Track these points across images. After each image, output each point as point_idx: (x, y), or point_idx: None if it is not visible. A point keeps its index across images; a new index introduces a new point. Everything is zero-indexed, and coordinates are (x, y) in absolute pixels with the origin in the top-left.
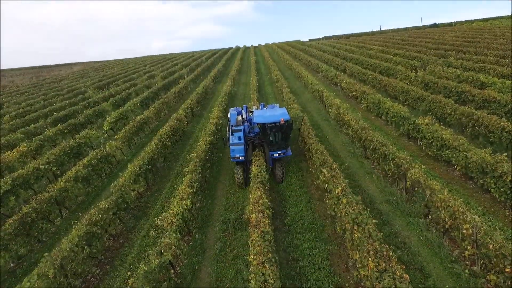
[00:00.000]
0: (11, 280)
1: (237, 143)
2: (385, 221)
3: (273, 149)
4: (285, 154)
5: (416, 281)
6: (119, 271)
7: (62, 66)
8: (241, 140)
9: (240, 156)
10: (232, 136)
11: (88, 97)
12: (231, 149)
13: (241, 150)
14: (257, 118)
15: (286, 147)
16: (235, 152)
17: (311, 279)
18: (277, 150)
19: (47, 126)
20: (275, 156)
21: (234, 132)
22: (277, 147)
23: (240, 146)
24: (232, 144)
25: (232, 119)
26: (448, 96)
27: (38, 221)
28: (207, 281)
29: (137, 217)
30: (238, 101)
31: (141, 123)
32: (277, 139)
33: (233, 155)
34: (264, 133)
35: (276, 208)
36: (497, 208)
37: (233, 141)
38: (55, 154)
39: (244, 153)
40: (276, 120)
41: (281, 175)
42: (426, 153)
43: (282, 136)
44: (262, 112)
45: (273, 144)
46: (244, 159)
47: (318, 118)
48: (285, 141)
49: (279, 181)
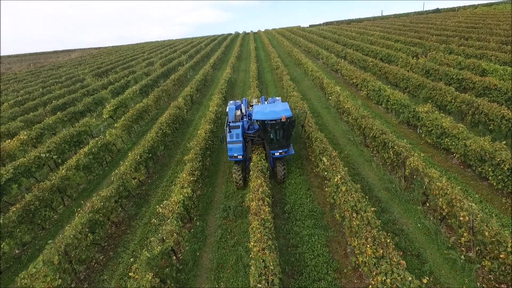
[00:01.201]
0: (17, 266)
1: (235, 141)
2: (384, 208)
3: (273, 147)
4: (287, 153)
5: (413, 267)
6: (122, 258)
7: (59, 53)
8: (240, 137)
9: (239, 155)
10: (230, 133)
11: (87, 84)
12: (229, 147)
13: (239, 148)
14: (257, 114)
15: (288, 146)
16: (233, 151)
17: (310, 265)
18: (278, 149)
19: (47, 114)
20: (276, 156)
21: (232, 129)
22: (278, 145)
23: (238, 145)
24: (229, 142)
25: (230, 114)
26: (449, 84)
27: (41, 209)
28: (208, 267)
29: (138, 204)
30: (238, 89)
31: (141, 111)
32: (278, 137)
33: (230, 154)
34: (264, 130)
35: (276, 195)
36: (494, 195)
37: (231, 138)
38: (56, 143)
39: (243, 151)
40: (277, 117)
41: (282, 175)
42: (425, 141)
43: (283, 133)
44: (262, 108)
45: (274, 143)
46: (243, 159)
47: (318, 106)
48: (287, 139)
49: (280, 182)
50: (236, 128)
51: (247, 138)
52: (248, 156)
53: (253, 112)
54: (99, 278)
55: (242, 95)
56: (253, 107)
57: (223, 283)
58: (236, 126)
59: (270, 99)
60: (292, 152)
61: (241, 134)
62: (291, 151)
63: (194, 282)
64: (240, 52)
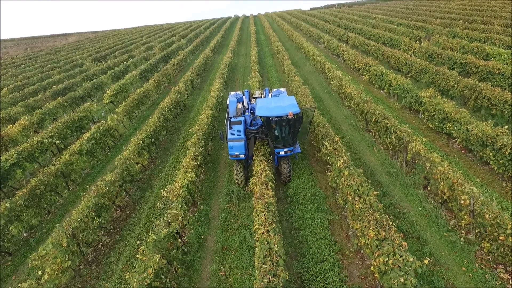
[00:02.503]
0: (26, 248)
1: (237, 138)
2: (385, 192)
3: (278, 146)
4: (292, 151)
5: (413, 248)
6: (128, 240)
7: (56, 37)
8: (241, 134)
9: (240, 154)
10: (231, 130)
11: (86, 69)
12: (229, 145)
13: (241, 146)
14: (260, 110)
15: (294, 144)
16: (234, 149)
17: (313, 247)
18: (284, 147)
19: (47, 100)
20: (281, 154)
21: (233, 125)
22: (284, 143)
23: (240, 143)
24: (230, 140)
25: (231, 108)
26: (452, 68)
27: (47, 193)
28: (213, 249)
29: (142, 189)
30: (239, 73)
31: (141, 96)
32: (284, 134)
33: (231, 153)
34: (268, 127)
35: (278, 180)
36: (494, 180)
37: (232, 135)
38: (58, 128)
39: (245, 150)
40: (283, 114)
41: (287, 174)
42: (427, 125)
43: (289, 131)
44: (266, 102)
45: (279, 140)
46: (244, 157)
47: (319, 91)
48: (293, 137)
49: (285, 181)
50: (237, 123)
51: (249, 135)
52: (250, 154)
53: (256, 106)
54: (106, 260)
55: (243, 80)
56: (256, 101)
57: (228, 265)
58: (238, 122)
59: (275, 91)
60: (299, 151)
61: (243, 130)
62: (297, 149)
63: (200, 263)
64: (240, 36)
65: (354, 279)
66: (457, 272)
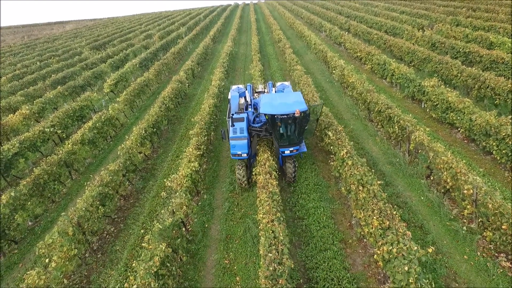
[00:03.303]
0: (32, 237)
1: (239, 136)
2: (388, 182)
3: (283, 145)
4: (298, 151)
5: (416, 237)
6: (133, 229)
7: (53, 25)
8: (244, 132)
9: (243, 153)
10: (233, 127)
11: (85, 58)
12: (231, 144)
13: (244, 145)
14: (265, 106)
15: (300, 142)
16: (237, 148)
17: (316, 236)
18: (289, 146)
19: (46, 89)
20: (285, 154)
21: (235, 122)
22: (289, 142)
23: (243, 141)
24: (232, 138)
25: (233, 103)
26: (455, 57)
27: (50, 183)
28: (217, 237)
29: (145, 178)
30: (240, 62)
31: (142, 85)
32: (289, 132)
33: (233, 152)
34: (272, 125)
35: (281, 169)
36: (497, 169)
37: (234, 133)
38: (59, 117)
39: (248, 149)
40: (289, 111)
41: (292, 174)
42: (430, 115)
43: (295, 129)
44: (271, 98)
45: (284, 139)
46: (247, 157)
47: (321, 80)
48: (299, 135)
49: (290, 181)
50: (240, 121)
51: (253, 132)
52: (253, 152)
53: (260, 103)
54: (111, 249)
55: (243, 69)
56: (260, 97)
57: (232, 253)
58: (240, 119)
59: (279, 85)
60: (304, 150)
61: (245, 128)
62: (303, 149)
63: (204, 252)
64: (240, 24)
65: (357, 267)
66: (459, 260)
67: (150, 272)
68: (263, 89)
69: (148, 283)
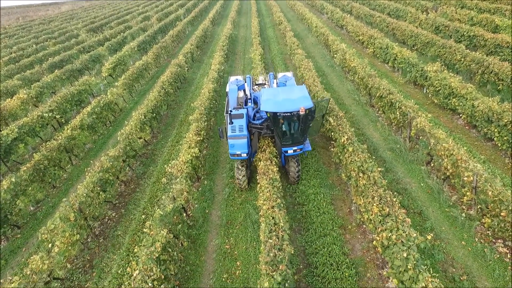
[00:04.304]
0: (34, 222)
1: (238, 135)
2: (388, 168)
3: (286, 144)
4: (302, 150)
5: (415, 223)
6: (134, 215)
7: (48, 6)
8: (244, 130)
9: (243, 153)
10: (231, 125)
11: (82, 40)
12: (230, 144)
13: (243, 145)
14: (266, 103)
15: (304, 141)
16: (236, 148)
17: (316, 222)
18: (292, 145)
19: (44, 72)
20: (289, 153)
21: (234, 119)
22: (292, 141)
23: (243, 140)
24: (231, 137)
25: (231, 97)
26: (459, 41)
27: (50, 168)
28: (218, 223)
29: (145, 164)
30: (239, 45)
31: (141, 69)
32: (293, 130)
33: (232, 152)
34: (275, 123)
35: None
36: (497, 156)
37: (233, 132)
38: (57, 102)
39: (248, 148)
40: (293, 109)
41: (296, 174)
42: (432, 101)
43: (299, 126)
44: (273, 94)
45: (287, 138)
46: (247, 157)
47: (322, 64)
48: (303, 133)
49: (293, 182)
50: (239, 117)
51: (253, 130)
52: (253, 150)
53: (261, 99)
54: (113, 234)
55: (243, 52)
56: (261, 91)
57: (233, 238)
58: (239, 115)
59: (281, 77)
60: (309, 149)
61: (245, 125)
62: (308, 147)
63: (205, 237)
64: (240, 6)
65: (356, 252)
66: (456, 246)
67: (151, 258)
68: (264, 81)
69: (150, 268)
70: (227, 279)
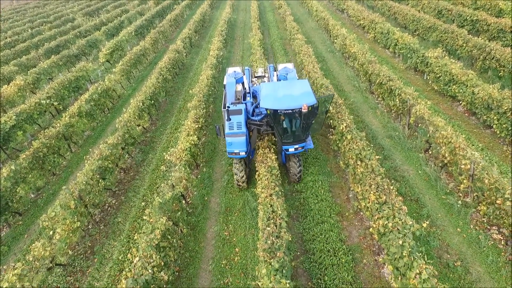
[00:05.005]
0: (35, 209)
1: (237, 133)
2: (386, 155)
3: (287, 142)
4: (304, 148)
5: (411, 211)
6: (134, 202)
7: None
8: (242, 127)
9: (241, 151)
10: (229, 122)
11: (78, 25)
12: (227, 142)
13: (242, 143)
14: (266, 100)
15: (306, 138)
16: (234, 146)
17: (314, 209)
18: (293, 144)
19: (40, 58)
20: (290, 152)
21: (232, 115)
22: (294, 139)
23: (241, 138)
24: (228, 135)
25: (229, 91)
26: (462, 25)
27: (50, 156)
28: (216, 210)
29: (144, 151)
30: (239, 30)
31: (138, 55)
32: (294, 128)
33: (230, 151)
34: (275, 120)
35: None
36: (496, 143)
37: (231, 129)
38: (54, 88)
39: (246, 146)
40: (295, 107)
41: (297, 173)
42: (432, 87)
43: (301, 124)
44: (273, 89)
45: (288, 135)
46: (246, 155)
47: (322, 49)
48: (305, 131)
49: (294, 181)
50: (237, 113)
51: (252, 126)
52: (252, 147)
53: (260, 94)
54: (113, 220)
55: (243, 37)
56: (260, 86)
57: (232, 225)
58: (238, 111)
59: (281, 69)
60: (311, 146)
61: (244, 122)
62: (310, 145)
63: (204, 224)
64: None
65: (353, 239)
66: (452, 233)
67: (151, 245)
68: (263, 73)
69: (150, 255)
70: (226, 265)
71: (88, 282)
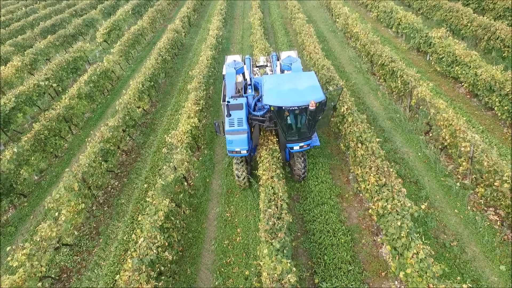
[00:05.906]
0: (39, 191)
1: (237, 130)
2: (387, 138)
3: (291, 139)
4: (309, 146)
5: (410, 192)
6: (136, 184)
7: None
8: (243, 124)
9: (242, 149)
10: (229, 118)
11: (73, 3)
12: (228, 139)
13: (243, 141)
14: (269, 96)
15: (312, 135)
16: (234, 144)
17: (314, 191)
18: (299, 141)
19: (36, 38)
20: (294, 150)
21: (232, 110)
22: (299, 136)
23: (242, 136)
24: (228, 132)
25: (228, 83)
26: (467, 4)
27: (51, 138)
28: (218, 192)
29: (145, 133)
30: (238, 9)
31: (136, 35)
32: (300, 124)
33: (230, 149)
34: (279, 116)
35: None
36: (496, 126)
37: (231, 125)
38: (53, 70)
39: (248, 144)
40: (302, 103)
41: (302, 171)
42: (434, 68)
43: (307, 120)
44: (277, 83)
45: (292, 133)
46: (247, 153)
47: (324, 29)
48: (311, 128)
49: (298, 180)
50: (238, 108)
51: (253, 122)
52: (254, 144)
53: (263, 88)
54: (117, 202)
55: (242, 16)
56: (262, 77)
57: (233, 206)
58: (238, 106)
59: (285, 59)
60: (317, 144)
61: (245, 118)
62: (316, 142)
63: (206, 205)
64: None
65: (352, 220)
66: (449, 214)
67: (155, 226)
68: (265, 62)
69: (154, 236)
70: (228, 245)
71: (94, 261)
